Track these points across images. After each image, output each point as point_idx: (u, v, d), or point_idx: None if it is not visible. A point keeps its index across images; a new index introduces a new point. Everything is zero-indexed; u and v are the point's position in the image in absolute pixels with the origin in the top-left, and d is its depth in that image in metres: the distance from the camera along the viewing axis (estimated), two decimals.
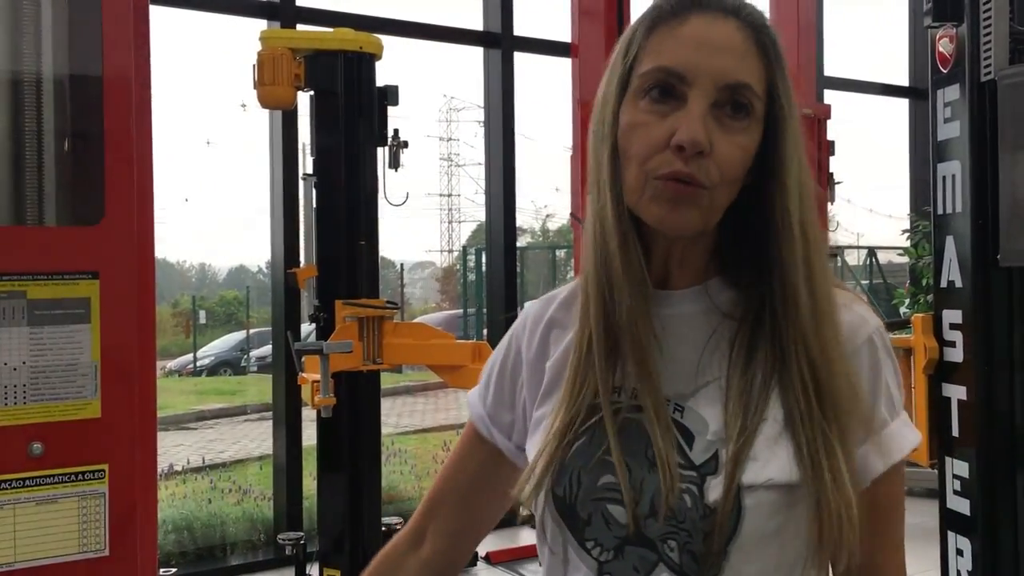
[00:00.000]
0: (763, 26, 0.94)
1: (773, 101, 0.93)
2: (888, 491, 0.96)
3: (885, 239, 18.13)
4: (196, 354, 19.39)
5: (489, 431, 1.12)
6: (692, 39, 0.91)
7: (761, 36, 0.93)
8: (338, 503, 3.77)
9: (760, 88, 0.92)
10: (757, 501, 0.89)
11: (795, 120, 0.93)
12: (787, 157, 0.93)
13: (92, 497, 1.70)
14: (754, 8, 0.95)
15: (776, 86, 0.93)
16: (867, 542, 0.95)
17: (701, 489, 0.90)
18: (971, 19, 2.79)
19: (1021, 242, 2.69)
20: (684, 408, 0.94)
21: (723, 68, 0.91)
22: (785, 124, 0.93)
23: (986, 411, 2.82)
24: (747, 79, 0.91)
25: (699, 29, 0.92)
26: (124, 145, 1.76)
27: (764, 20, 0.94)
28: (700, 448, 0.92)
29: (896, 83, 8.23)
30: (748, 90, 0.91)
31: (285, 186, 4.98)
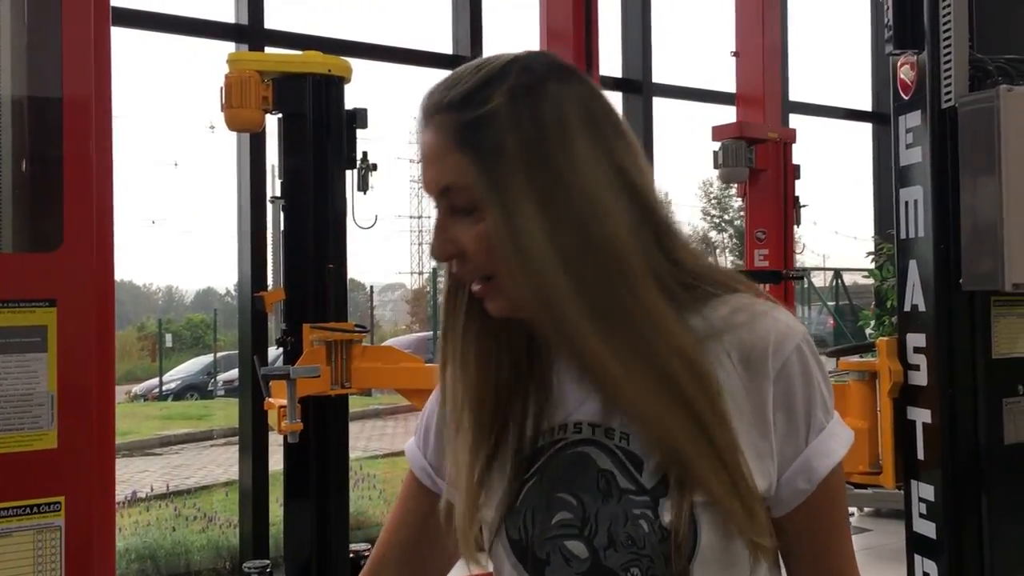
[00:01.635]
0: (459, 114, 0.93)
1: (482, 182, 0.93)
2: (831, 488, 0.97)
3: (850, 261, 18.34)
4: (162, 378, 19.17)
5: (433, 481, 1.11)
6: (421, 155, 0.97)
7: (455, 131, 0.93)
8: (305, 530, 3.72)
9: (467, 179, 0.93)
10: (710, 516, 0.91)
11: (504, 195, 0.91)
12: (500, 234, 0.92)
13: (48, 530, 1.66)
14: (456, 95, 0.94)
15: (478, 167, 0.92)
16: (820, 537, 0.99)
17: (656, 512, 0.91)
18: (931, 46, 2.83)
19: (982, 266, 2.72)
20: (630, 436, 0.95)
21: (431, 177, 0.96)
22: (491, 203, 0.92)
23: (950, 434, 2.85)
24: (448, 180, 0.94)
25: (420, 144, 0.97)
26: (84, 169, 1.73)
27: (464, 103, 0.93)
28: (649, 472, 0.93)
29: (860, 108, 8.36)
30: (453, 190, 0.94)
31: (253, 209, 4.94)
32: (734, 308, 0.97)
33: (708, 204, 31.69)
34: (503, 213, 0.91)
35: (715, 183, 27.75)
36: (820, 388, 0.96)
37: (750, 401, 0.94)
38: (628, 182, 0.94)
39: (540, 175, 0.91)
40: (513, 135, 0.91)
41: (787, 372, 0.95)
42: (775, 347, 0.95)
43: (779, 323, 0.96)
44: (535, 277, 0.90)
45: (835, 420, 0.98)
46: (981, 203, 2.73)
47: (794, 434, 0.95)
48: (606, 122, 0.96)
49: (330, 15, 25.58)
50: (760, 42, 6.26)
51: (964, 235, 2.78)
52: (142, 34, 4.99)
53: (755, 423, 0.94)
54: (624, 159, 0.95)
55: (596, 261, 0.90)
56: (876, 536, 5.55)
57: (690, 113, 16.34)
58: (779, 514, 0.97)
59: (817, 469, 0.95)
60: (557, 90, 0.93)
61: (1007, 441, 2.83)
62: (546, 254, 0.90)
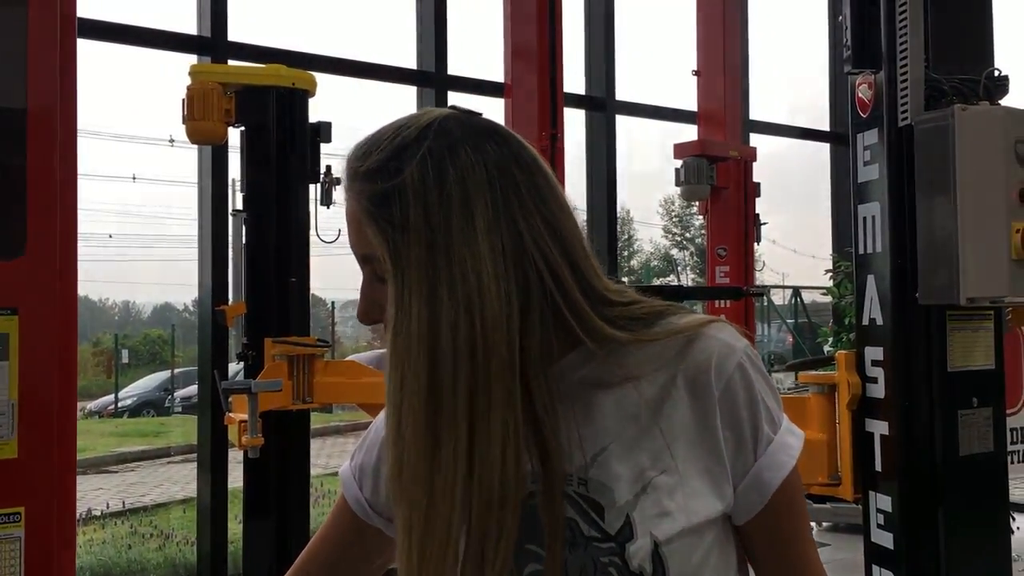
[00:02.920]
0: (372, 185, 0.94)
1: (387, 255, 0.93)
2: (787, 496, 0.98)
3: (809, 279, 18.59)
4: (117, 394, 18.85)
5: (367, 514, 1.11)
6: None
7: (367, 202, 0.94)
8: (265, 547, 3.68)
9: (378, 251, 0.94)
10: (675, 551, 0.92)
11: (401, 270, 0.92)
12: (390, 308, 0.93)
13: (7, 541, 1.63)
14: (371, 165, 0.95)
15: (385, 240, 0.93)
16: (781, 542, 1.00)
17: (623, 558, 0.92)
18: (888, 66, 2.90)
19: (938, 281, 2.78)
20: (587, 480, 0.95)
21: (352, 244, 0.98)
22: (390, 276, 0.93)
23: (907, 446, 2.90)
24: (366, 250, 0.96)
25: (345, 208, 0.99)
26: (47, 178, 1.71)
27: (376, 174, 0.94)
28: (612, 517, 0.94)
29: (818, 127, 8.50)
30: (371, 259, 0.96)
31: (214, 222, 4.90)
32: (669, 336, 0.97)
33: (670, 222, 31.99)
34: (395, 289, 0.92)
35: (677, 201, 28.03)
36: (764, 402, 0.97)
37: (699, 425, 0.95)
38: (530, 256, 0.92)
39: (436, 254, 0.90)
40: (418, 209, 0.91)
41: (731, 390, 0.96)
42: (716, 368, 0.96)
43: (718, 342, 0.97)
44: (399, 358, 0.91)
45: (783, 429, 0.99)
46: (937, 219, 2.79)
47: (743, 450, 0.96)
48: (523, 188, 0.94)
49: (294, 28, 25.52)
50: (721, 61, 6.36)
51: (920, 250, 2.84)
52: (100, 45, 4.94)
53: (707, 447, 0.95)
54: (535, 228, 0.93)
55: (460, 352, 0.89)
56: (834, 550, 5.60)
57: (653, 131, 16.48)
58: (739, 522, 0.99)
59: (768, 482, 0.97)
60: (470, 157, 0.93)
61: (962, 452, 2.89)
62: (417, 337, 0.90)
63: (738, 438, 0.96)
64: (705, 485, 0.95)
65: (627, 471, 0.94)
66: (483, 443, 0.89)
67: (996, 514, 2.99)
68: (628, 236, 30.10)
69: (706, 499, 0.94)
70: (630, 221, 29.63)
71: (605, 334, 0.95)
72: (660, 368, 0.96)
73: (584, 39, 6.82)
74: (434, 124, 0.95)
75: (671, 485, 0.94)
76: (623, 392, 0.96)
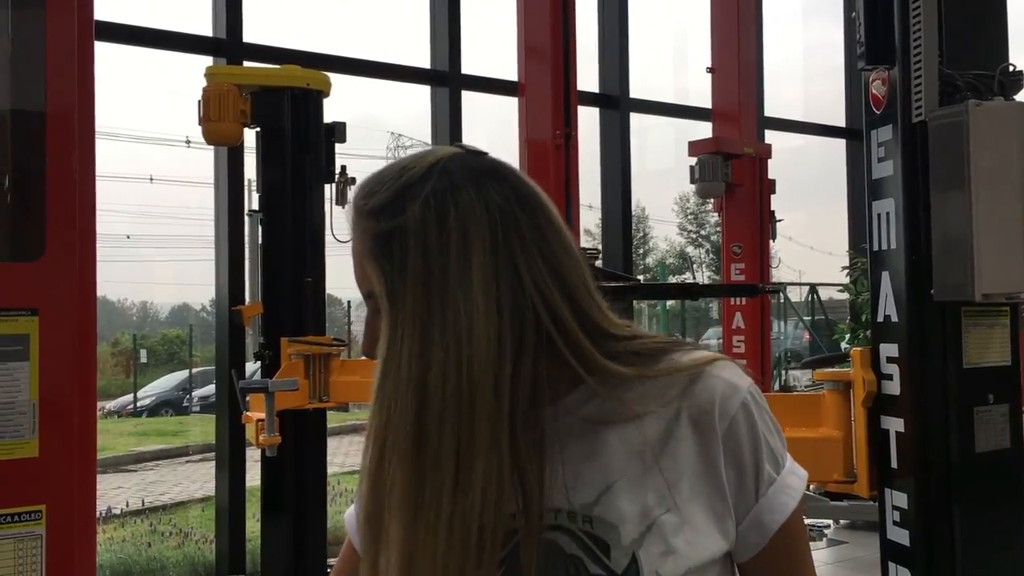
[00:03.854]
0: (376, 224, 0.95)
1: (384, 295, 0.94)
2: (788, 537, 0.98)
3: (826, 276, 18.49)
4: (136, 394, 18.98)
5: None
6: None
7: (371, 240, 0.95)
8: (282, 545, 3.71)
9: (379, 286, 0.94)
10: None
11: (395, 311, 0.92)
12: (381, 348, 0.93)
13: (29, 539, 1.65)
14: (376, 203, 0.95)
15: (383, 280, 0.94)
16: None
17: None
18: (902, 62, 2.89)
19: (953, 278, 2.77)
20: (592, 518, 0.95)
21: (357, 279, 0.99)
22: (384, 317, 0.94)
23: (923, 443, 2.89)
24: (368, 286, 0.97)
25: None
26: (66, 180, 1.74)
27: (380, 212, 0.95)
28: (618, 555, 0.94)
29: (834, 124, 8.47)
30: (372, 296, 0.96)
31: (230, 223, 4.93)
32: (671, 380, 0.97)
33: (685, 219, 31.90)
34: (388, 328, 0.93)
35: (692, 199, 27.96)
36: (767, 442, 0.98)
37: (703, 464, 0.96)
38: (527, 298, 0.93)
39: (431, 296, 0.91)
40: (417, 250, 0.92)
41: (734, 430, 0.96)
42: (720, 408, 0.96)
43: (722, 382, 0.97)
44: (386, 399, 0.91)
45: (786, 470, 0.99)
46: (951, 216, 2.78)
47: (744, 490, 0.96)
48: (525, 231, 0.94)
49: (309, 29, 25.59)
50: (736, 59, 6.34)
51: (935, 247, 2.83)
52: (117, 48, 4.98)
53: (712, 485, 0.96)
54: (535, 268, 0.94)
55: (449, 395, 0.90)
56: (851, 548, 5.58)
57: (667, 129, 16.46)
58: (739, 561, 0.99)
59: (767, 524, 0.97)
60: (471, 199, 0.93)
61: (978, 449, 2.88)
62: (406, 380, 0.90)
63: (740, 478, 0.96)
64: (710, 523, 0.95)
65: (633, 509, 0.94)
66: (466, 484, 0.89)
67: (1013, 511, 2.97)
68: (643, 234, 30.04)
69: (710, 538, 0.95)
70: (645, 219, 29.57)
71: (606, 369, 0.95)
72: (664, 405, 0.96)
73: (598, 37, 6.82)
74: (439, 164, 0.95)
75: (676, 524, 0.94)
76: (627, 429, 0.96)
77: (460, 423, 0.89)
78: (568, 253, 0.97)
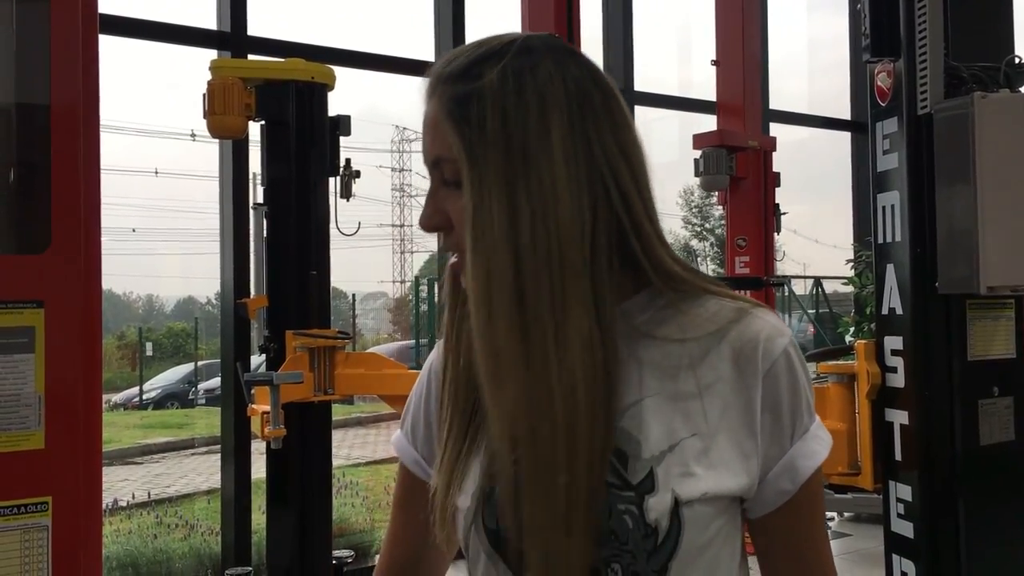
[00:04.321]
0: (453, 87, 0.95)
1: (462, 157, 0.94)
2: (812, 490, 0.99)
3: (830, 269, 18.47)
4: (142, 387, 19.04)
5: (426, 472, 1.10)
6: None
7: (448, 103, 0.95)
8: (287, 537, 3.72)
9: (453, 152, 0.95)
10: (694, 515, 0.92)
11: (478, 171, 0.93)
12: (467, 207, 0.94)
13: (35, 530, 1.66)
14: (455, 68, 0.97)
15: (462, 141, 0.94)
16: (799, 538, 1.00)
17: (641, 509, 0.92)
18: (907, 54, 2.88)
19: (958, 270, 2.77)
20: (616, 428, 0.95)
21: (426, 147, 0.98)
22: (465, 176, 0.94)
23: (927, 435, 2.89)
24: (438, 152, 0.96)
25: (422, 114, 1.00)
26: (71, 173, 1.74)
27: (459, 76, 0.96)
28: (635, 468, 0.93)
29: (839, 117, 8.45)
30: (443, 162, 0.96)
31: (235, 216, 4.94)
32: (721, 307, 0.98)
33: (689, 213, 31.86)
34: (474, 188, 0.93)
35: (696, 191, 27.91)
36: (805, 390, 0.98)
37: (738, 399, 0.95)
38: (602, 175, 0.94)
39: (513, 157, 0.92)
40: (496, 113, 0.93)
41: (775, 372, 0.96)
42: (764, 347, 0.96)
43: (767, 324, 0.97)
44: (483, 255, 0.92)
45: (816, 423, 0.99)
46: (956, 208, 2.77)
47: (779, 434, 0.96)
48: (599, 109, 0.96)
49: (313, 23, 25.58)
50: (740, 51, 6.32)
51: (940, 239, 2.83)
52: (121, 41, 4.98)
53: (743, 421, 0.95)
54: (608, 149, 0.95)
55: (539, 253, 0.91)
56: (855, 540, 5.58)
57: (671, 121, 16.42)
58: (760, 514, 0.98)
59: (801, 470, 0.96)
60: (549, 71, 0.94)
61: (983, 442, 2.88)
62: (500, 235, 0.91)
63: (776, 422, 0.96)
64: (735, 457, 0.94)
65: (658, 427, 0.94)
66: (564, 349, 0.91)
67: (1017, 503, 2.98)
68: None
69: (732, 471, 0.94)
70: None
71: (670, 269, 0.97)
72: (710, 334, 0.97)
73: (602, 29, 6.81)
74: (519, 40, 0.97)
75: (700, 449, 0.93)
76: (670, 349, 0.97)
77: (553, 285, 0.91)
78: (635, 142, 0.98)
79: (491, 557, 0.97)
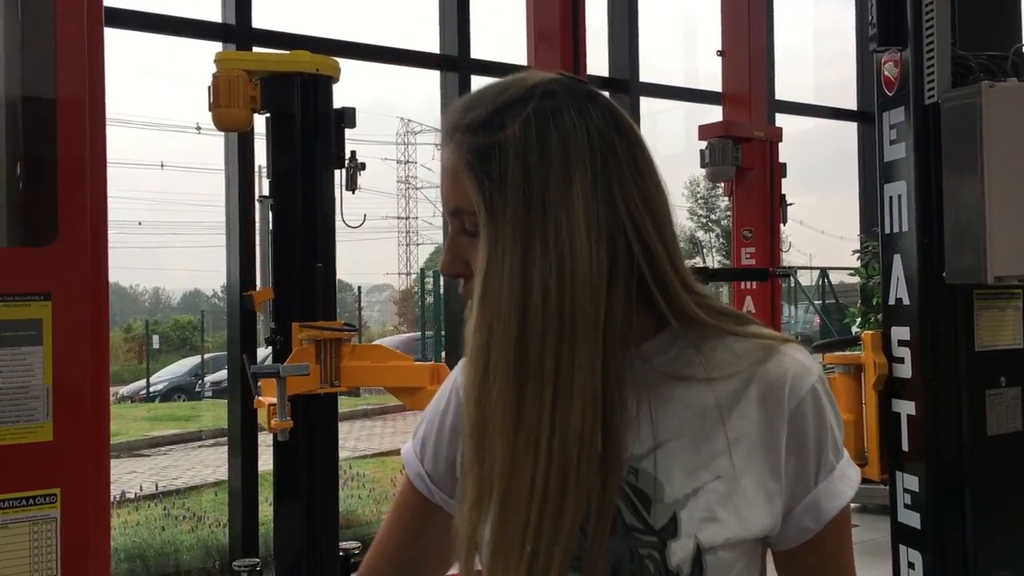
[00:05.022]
0: (474, 138, 0.94)
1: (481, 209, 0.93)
2: (838, 528, 0.98)
3: (837, 260, 18.43)
4: (149, 380, 19.10)
5: (429, 490, 1.11)
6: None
7: (467, 154, 0.94)
8: (294, 528, 3.73)
9: (472, 205, 0.93)
10: (717, 561, 0.91)
11: (495, 225, 0.91)
12: (480, 261, 0.92)
13: (44, 522, 1.67)
14: (475, 118, 0.95)
15: (481, 194, 0.92)
16: (823, 571, 0.99)
17: (663, 554, 0.91)
18: (914, 44, 2.87)
19: (965, 260, 2.76)
20: (638, 471, 0.94)
21: (445, 196, 0.97)
22: (483, 230, 0.93)
23: (934, 426, 2.88)
24: (457, 203, 0.96)
25: (440, 159, 0.98)
26: (78, 166, 1.74)
27: (480, 127, 0.94)
28: (658, 512, 0.93)
29: (845, 107, 8.42)
30: (462, 213, 0.95)
31: (241, 208, 4.94)
32: (748, 346, 0.97)
33: (695, 204, 31.82)
34: (489, 243, 0.91)
35: (702, 183, 27.87)
36: (832, 429, 0.97)
37: (764, 440, 0.94)
38: (622, 227, 0.92)
39: (532, 212, 0.90)
40: (518, 167, 0.91)
41: (801, 412, 0.95)
42: (792, 386, 0.95)
43: (795, 362, 0.96)
44: (488, 311, 0.90)
45: (844, 460, 0.98)
46: (963, 198, 2.76)
47: (804, 474, 0.95)
48: (622, 159, 0.94)
49: (318, 14, 25.54)
50: (746, 41, 6.30)
51: (947, 229, 2.82)
52: (127, 34, 4.98)
53: (768, 462, 0.94)
54: (630, 200, 0.93)
55: (549, 311, 0.89)
56: (861, 531, 5.58)
57: (677, 112, 16.37)
58: (786, 548, 0.98)
59: (825, 510, 0.96)
60: (573, 121, 0.92)
61: (990, 432, 2.88)
62: (508, 292, 0.90)
63: (801, 461, 0.95)
64: (759, 500, 0.93)
65: (682, 470, 0.93)
66: (564, 410, 0.89)
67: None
68: None
69: (757, 514, 0.93)
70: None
71: (691, 314, 0.95)
72: (735, 374, 0.95)
73: (607, 20, 6.79)
74: (540, 86, 0.95)
75: (724, 493, 0.92)
76: (696, 390, 0.95)
77: (560, 343, 0.89)
78: (659, 188, 0.97)
79: None
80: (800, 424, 0.95)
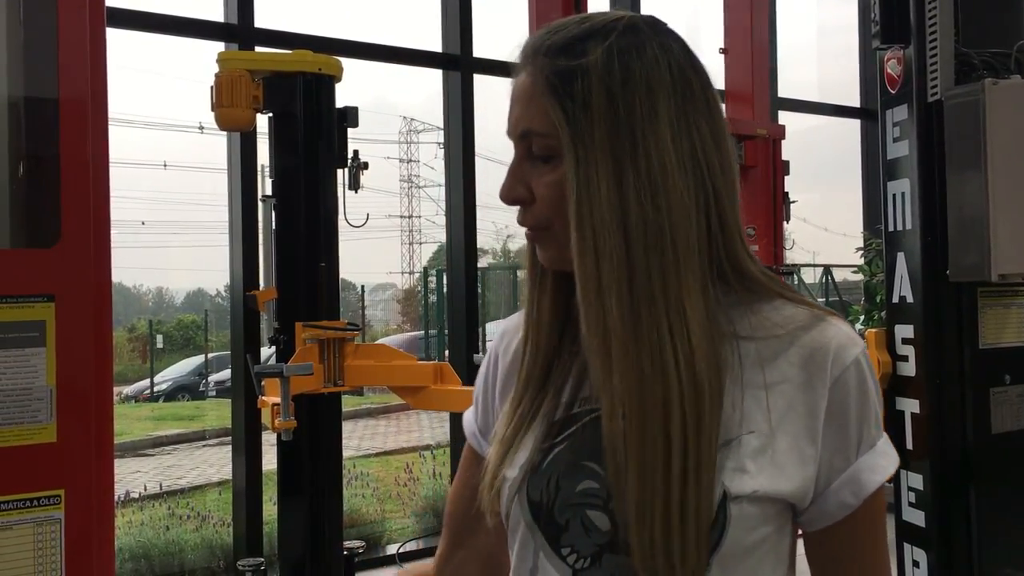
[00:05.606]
0: (555, 61, 0.94)
1: (564, 131, 0.93)
2: (875, 506, 0.97)
3: (840, 257, 18.40)
4: (153, 379, 19.12)
5: (481, 447, 1.15)
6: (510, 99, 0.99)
7: (548, 76, 0.94)
8: (299, 528, 3.74)
9: (550, 126, 0.93)
10: (742, 512, 0.90)
11: (583, 147, 0.92)
12: (570, 183, 0.92)
13: (48, 523, 1.67)
14: (557, 41, 0.95)
15: (563, 116, 0.93)
16: (859, 554, 0.97)
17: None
18: (917, 41, 2.86)
19: (969, 258, 2.75)
20: None
21: (515, 120, 0.97)
22: (568, 152, 0.93)
23: (938, 424, 2.88)
24: (531, 124, 0.95)
25: (513, 85, 0.99)
26: (80, 167, 1.74)
27: (562, 51, 0.94)
28: None
29: (848, 104, 8.40)
30: (533, 135, 0.95)
31: (244, 208, 4.94)
32: (795, 311, 0.96)
33: None
34: (578, 165, 0.91)
35: None
36: (875, 403, 0.96)
37: (803, 403, 0.93)
38: (700, 163, 0.93)
39: (620, 136, 0.91)
40: (602, 91, 0.91)
41: (844, 382, 0.93)
42: (836, 355, 0.93)
43: (841, 332, 0.95)
44: (591, 232, 0.90)
45: (884, 438, 0.97)
46: (967, 195, 2.76)
47: (845, 446, 0.94)
48: (698, 96, 0.95)
49: (320, 14, 25.55)
50: (748, 38, 6.29)
51: (951, 227, 2.81)
52: (129, 34, 4.98)
53: (805, 425, 0.93)
54: (705, 139, 0.94)
55: (651, 232, 0.90)
56: None
57: None
58: (819, 527, 0.96)
59: (865, 484, 0.94)
60: (655, 54, 0.93)
61: (995, 430, 2.87)
62: (608, 212, 0.90)
63: (841, 432, 0.94)
64: (792, 461, 0.92)
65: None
66: (680, 327, 0.90)
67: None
68: None
69: (788, 474, 0.91)
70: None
71: (746, 268, 0.96)
72: (780, 336, 0.95)
73: None
74: (623, 19, 0.96)
75: (756, 448, 0.91)
76: (737, 346, 0.95)
77: (665, 264, 0.90)
78: (726, 132, 0.98)
79: (530, 527, 0.97)
80: (843, 394, 0.93)
